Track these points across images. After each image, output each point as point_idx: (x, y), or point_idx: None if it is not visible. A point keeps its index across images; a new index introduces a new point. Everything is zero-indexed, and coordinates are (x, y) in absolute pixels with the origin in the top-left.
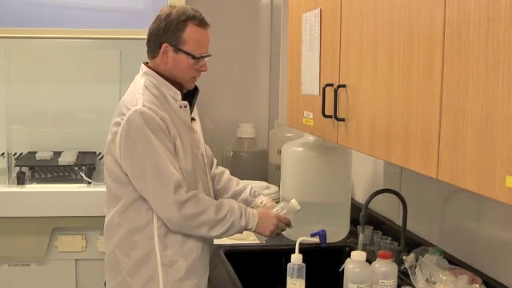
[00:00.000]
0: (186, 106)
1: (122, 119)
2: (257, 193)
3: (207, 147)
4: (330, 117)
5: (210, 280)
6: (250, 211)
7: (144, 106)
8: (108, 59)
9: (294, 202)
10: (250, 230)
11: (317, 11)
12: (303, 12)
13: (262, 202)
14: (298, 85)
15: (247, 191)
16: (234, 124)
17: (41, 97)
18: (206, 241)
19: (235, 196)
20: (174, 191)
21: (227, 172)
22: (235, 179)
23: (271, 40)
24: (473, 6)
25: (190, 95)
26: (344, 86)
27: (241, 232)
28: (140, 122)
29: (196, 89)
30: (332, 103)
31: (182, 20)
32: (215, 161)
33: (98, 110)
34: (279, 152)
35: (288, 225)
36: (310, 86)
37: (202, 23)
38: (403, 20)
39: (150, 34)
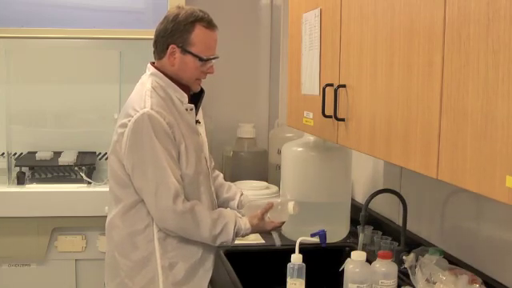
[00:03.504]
0: (192, 109)
1: (129, 121)
2: (244, 201)
3: None
4: (330, 117)
5: (210, 280)
6: (244, 232)
7: (152, 109)
8: (108, 59)
9: (290, 205)
10: None
11: (317, 11)
12: (303, 12)
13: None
14: (297, 85)
15: (235, 201)
16: (234, 124)
17: (41, 97)
18: (208, 244)
19: (224, 204)
20: (172, 201)
21: (221, 177)
22: (227, 185)
23: (271, 40)
24: (473, 6)
25: (195, 97)
26: (344, 86)
27: None
28: (147, 126)
29: (202, 91)
30: (332, 103)
31: (190, 21)
32: (212, 163)
33: (98, 110)
34: (279, 152)
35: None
36: (310, 85)
37: (210, 25)
38: (403, 20)
39: (157, 35)
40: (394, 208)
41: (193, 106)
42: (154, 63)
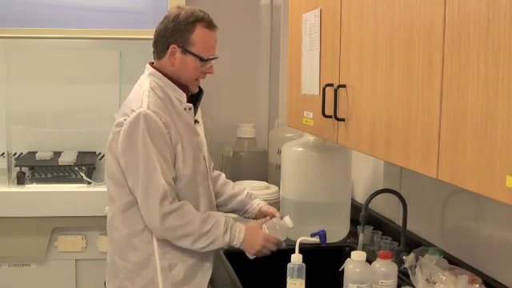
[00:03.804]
0: (190, 109)
1: (125, 120)
2: (253, 196)
3: None
4: (330, 117)
5: (210, 280)
6: (236, 228)
7: (149, 108)
8: (108, 59)
9: (287, 219)
10: (234, 246)
11: (317, 11)
12: (303, 12)
13: (258, 205)
14: (297, 85)
15: (244, 194)
16: (234, 124)
17: (41, 97)
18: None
19: (231, 199)
20: (159, 202)
21: (223, 176)
22: (231, 183)
23: (271, 40)
24: (473, 6)
25: (194, 97)
26: (344, 85)
27: (226, 247)
28: (142, 126)
29: (200, 91)
30: (332, 103)
31: (190, 21)
32: (212, 164)
33: (98, 110)
34: (279, 152)
35: (278, 244)
36: (310, 85)
37: (210, 25)
38: (403, 20)
39: (157, 35)
40: (394, 208)
41: (191, 105)
42: (152, 63)
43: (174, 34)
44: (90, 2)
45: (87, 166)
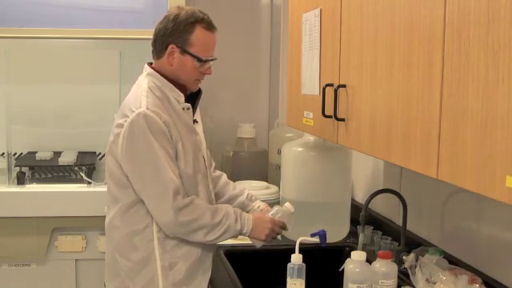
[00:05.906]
0: (188, 109)
1: (125, 121)
2: (253, 198)
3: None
4: (330, 117)
5: (210, 280)
6: (244, 215)
7: (148, 108)
8: (108, 59)
9: (287, 204)
10: (244, 234)
11: (317, 11)
12: (303, 12)
13: (258, 207)
14: (298, 85)
15: (244, 195)
16: (234, 124)
17: (41, 97)
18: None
19: (231, 200)
20: (172, 197)
21: (224, 176)
22: (232, 183)
23: (271, 40)
24: (473, 6)
25: (192, 97)
26: (344, 85)
27: (236, 236)
28: (143, 125)
29: (199, 91)
30: (332, 103)
31: (190, 22)
32: (213, 164)
33: (98, 110)
34: (279, 152)
35: (283, 228)
36: (310, 85)
37: (209, 26)
38: (403, 20)
39: (156, 34)
40: (394, 208)
41: (189, 105)
42: (151, 64)
43: (173, 34)
44: (90, 2)
45: (87, 166)
